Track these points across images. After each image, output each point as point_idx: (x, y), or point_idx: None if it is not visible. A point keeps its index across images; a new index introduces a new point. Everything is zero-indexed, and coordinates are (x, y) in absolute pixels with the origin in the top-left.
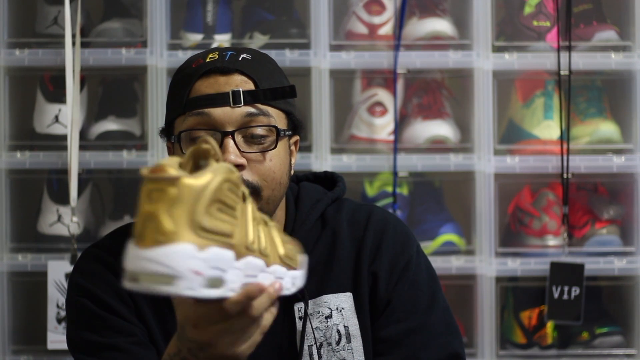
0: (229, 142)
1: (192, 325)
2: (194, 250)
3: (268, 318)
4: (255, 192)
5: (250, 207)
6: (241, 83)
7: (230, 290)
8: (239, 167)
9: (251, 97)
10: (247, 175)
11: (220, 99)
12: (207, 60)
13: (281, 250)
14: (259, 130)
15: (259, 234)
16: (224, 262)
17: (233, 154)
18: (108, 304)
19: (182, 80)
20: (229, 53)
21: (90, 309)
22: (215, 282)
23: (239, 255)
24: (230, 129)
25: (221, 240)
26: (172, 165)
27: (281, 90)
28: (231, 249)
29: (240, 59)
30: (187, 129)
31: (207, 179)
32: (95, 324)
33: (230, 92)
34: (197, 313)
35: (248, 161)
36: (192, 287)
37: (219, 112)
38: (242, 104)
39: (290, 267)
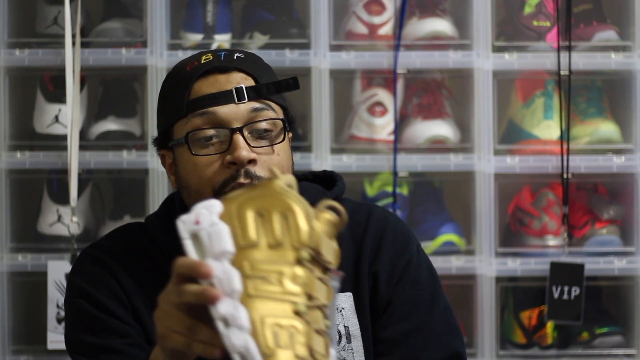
0: (239, 138)
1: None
2: (219, 206)
3: (198, 345)
4: None
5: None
6: (242, 80)
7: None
8: (251, 162)
9: (255, 93)
10: (259, 170)
11: (224, 97)
12: (202, 61)
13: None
14: (265, 125)
15: (263, 271)
16: (221, 237)
17: (245, 150)
18: (105, 305)
19: (178, 85)
20: (223, 53)
21: (87, 310)
22: (195, 236)
23: (236, 256)
24: (237, 125)
25: (239, 237)
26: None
27: (285, 82)
28: (236, 244)
29: (235, 57)
30: (194, 129)
31: (263, 181)
32: (92, 325)
33: (234, 89)
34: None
35: (258, 156)
36: (185, 229)
37: (225, 110)
38: (247, 99)
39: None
